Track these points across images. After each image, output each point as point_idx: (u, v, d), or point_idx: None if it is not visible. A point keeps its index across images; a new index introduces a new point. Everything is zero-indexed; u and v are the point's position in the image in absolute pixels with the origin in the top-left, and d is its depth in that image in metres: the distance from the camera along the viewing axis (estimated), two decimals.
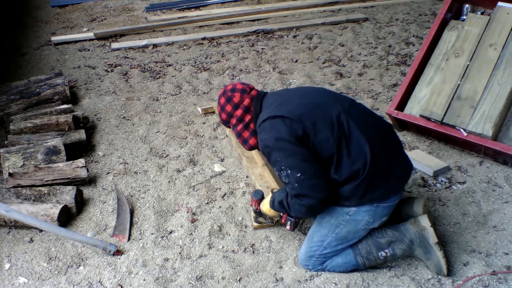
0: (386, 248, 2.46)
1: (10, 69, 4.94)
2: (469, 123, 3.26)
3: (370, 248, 2.47)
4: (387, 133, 2.47)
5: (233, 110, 2.52)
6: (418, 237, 2.44)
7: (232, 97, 2.51)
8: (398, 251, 2.47)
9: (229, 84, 2.58)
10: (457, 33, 3.57)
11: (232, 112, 2.52)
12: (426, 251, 2.45)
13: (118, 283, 2.54)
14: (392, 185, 2.38)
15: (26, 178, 3.12)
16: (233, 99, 2.51)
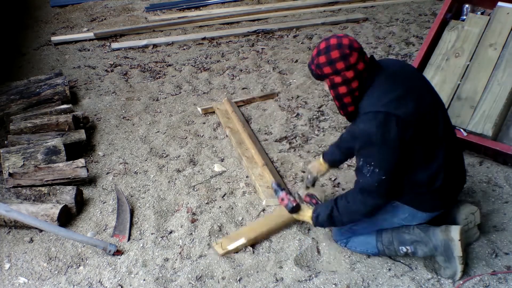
0: (409, 245, 2.46)
1: (10, 69, 4.94)
2: (469, 123, 3.26)
3: (392, 239, 2.48)
4: (458, 148, 2.48)
5: (344, 69, 2.20)
6: (443, 246, 2.40)
7: (350, 55, 2.18)
8: (420, 252, 2.46)
9: (343, 37, 2.23)
10: (457, 33, 3.57)
11: (341, 71, 2.21)
12: (447, 259, 2.42)
13: (118, 283, 2.54)
14: (440, 202, 2.44)
15: (26, 178, 3.12)
16: (349, 58, 2.18)
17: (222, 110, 4.02)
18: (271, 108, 4.11)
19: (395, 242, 2.48)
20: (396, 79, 2.28)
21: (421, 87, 2.33)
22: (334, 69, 2.21)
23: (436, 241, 2.41)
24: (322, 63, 2.23)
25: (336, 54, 2.19)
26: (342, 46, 2.19)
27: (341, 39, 2.21)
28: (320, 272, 2.54)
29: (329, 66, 2.21)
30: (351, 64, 2.19)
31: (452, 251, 2.38)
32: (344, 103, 2.30)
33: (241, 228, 2.84)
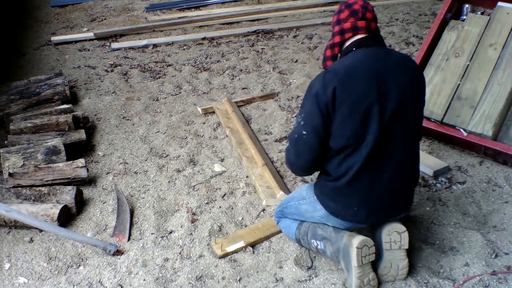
0: (319, 240, 2.43)
1: (10, 69, 4.94)
2: (469, 123, 3.26)
3: (307, 231, 2.49)
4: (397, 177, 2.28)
5: (335, 23, 2.31)
6: (343, 250, 2.33)
7: (342, 11, 2.29)
8: (328, 251, 2.41)
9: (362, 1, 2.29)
10: (457, 33, 3.57)
11: (333, 25, 2.33)
12: (347, 268, 2.34)
13: (118, 283, 2.54)
14: (348, 214, 2.32)
15: (26, 178, 3.12)
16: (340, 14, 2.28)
17: (222, 110, 4.02)
18: (271, 108, 4.11)
19: (309, 234, 2.48)
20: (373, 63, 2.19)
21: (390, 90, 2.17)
22: (332, 22, 2.36)
23: (339, 244, 2.35)
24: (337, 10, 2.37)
25: (336, 9, 2.36)
26: (344, 3, 2.32)
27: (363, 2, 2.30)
28: (320, 272, 2.54)
29: (332, 19, 2.38)
30: (339, 19, 2.29)
31: (350, 259, 2.30)
32: (324, 56, 2.38)
33: (241, 230, 2.84)
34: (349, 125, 2.15)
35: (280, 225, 2.69)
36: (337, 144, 2.20)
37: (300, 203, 2.53)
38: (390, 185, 2.28)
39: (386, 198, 2.31)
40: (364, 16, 2.25)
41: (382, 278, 2.42)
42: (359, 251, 2.27)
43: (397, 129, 2.20)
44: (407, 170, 2.33)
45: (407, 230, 2.38)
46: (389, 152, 2.22)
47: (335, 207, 2.34)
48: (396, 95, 2.17)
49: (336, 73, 2.16)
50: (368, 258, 2.30)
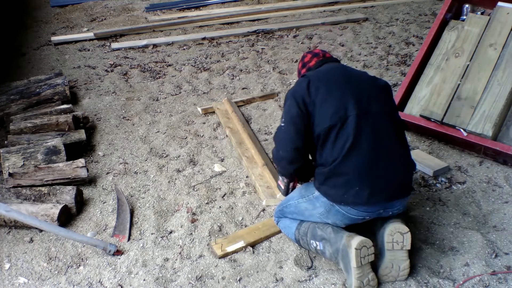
0: (319, 241, 2.44)
1: (10, 69, 4.94)
2: (469, 123, 3.26)
3: (307, 231, 2.50)
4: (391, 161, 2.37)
5: (301, 68, 2.72)
6: (342, 251, 2.33)
7: (305, 57, 2.72)
8: (327, 252, 2.42)
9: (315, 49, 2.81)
10: (457, 33, 3.57)
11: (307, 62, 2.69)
12: (346, 269, 2.34)
13: (118, 283, 2.54)
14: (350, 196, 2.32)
15: (26, 178, 3.12)
16: (304, 59, 2.71)
17: (222, 110, 4.02)
18: (271, 108, 4.11)
19: (309, 234, 2.49)
20: (341, 67, 2.58)
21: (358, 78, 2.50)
22: (298, 70, 2.76)
23: (338, 244, 2.35)
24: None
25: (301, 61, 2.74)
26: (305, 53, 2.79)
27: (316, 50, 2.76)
28: (320, 272, 2.54)
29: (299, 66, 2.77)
30: (304, 62, 2.70)
31: (349, 260, 2.30)
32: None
33: (241, 230, 2.84)
34: (329, 104, 2.35)
35: (280, 225, 2.69)
36: (323, 126, 2.33)
37: (299, 202, 2.54)
38: (387, 165, 2.34)
39: (385, 177, 2.34)
40: (324, 55, 2.69)
41: (383, 278, 2.42)
42: (358, 252, 2.27)
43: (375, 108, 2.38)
44: (400, 152, 2.42)
45: (409, 231, 2.38)
46: (375, 131, 2.34)
47: (335, 192, 2.34)
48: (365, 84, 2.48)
49: (308, 75, 2.51)
50: (367, 259, 2.30)
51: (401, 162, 2.42)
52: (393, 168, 2.37)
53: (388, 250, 2.37)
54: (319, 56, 2.67)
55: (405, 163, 2.44)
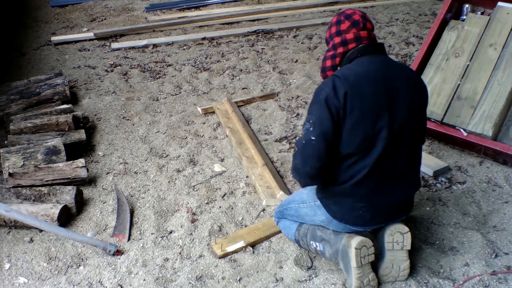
0: (318, 242, 2.42)
1: (10, 69, 4.94)
2: (469, 123, 3.26)
3: (307, 232, 2.49)
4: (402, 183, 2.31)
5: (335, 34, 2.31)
6: (342, 251, 2.33)
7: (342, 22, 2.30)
8: (327, 252, 2.40)
9: (353, 10, 2.34)
10: (457, 33, 3.57)
11: (333, 36, 2.32)
12: (346, 269, 2.34)
13: (118, 283, 2.54)
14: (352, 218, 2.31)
15: (26, 178, 3.12)
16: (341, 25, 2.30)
17: (222, 110, 4.02)
18: (271, 108, 4.11)
19: (309, 235, 2.47)
20: (379, 69, 2.22)
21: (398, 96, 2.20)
22: (330, 33, 2.36)
23: (338, 245, 2.34)
24: (327, 29, 2.40)
25: (334, 19, 2.35)
26: (342, 13, 2.34)
27: (348, 10, 2.34)
28: (320, 272, 2.54)
29: (328, 31, 2.38)
30: (340, 30, 2.30)
31: (349, 259, 2.29)
32: (324, 66, 2.38)
33: (241, 230, 2.84)
34: (360, 131, 2.14)
35: (280, 225, 2.68)
36: (347, 150, 2.18)
37: (300, 206, 2.52)
38: (395, 190, 2.30)
39: (391, 203, 2.31)
40: (365, 26, 2.29)
41: (383, 278, 2.41)
42: (358, 252, 2.26)
43: (405, 136, 2.23)
44: (411, 175, 2.36)
45: (409, 231, 2.38)
46: (396, 157, 2.23)
47: (338, 210, 2.32)
48: (404, 102, 2.20)
49: (346, 78, 2.15)
50: (367, 259, 2.30)
51: (410, 184, 2.37)
52: (400, 191, 2.33)
53: (388, 250, 2.37)
54: (358, 26, 2.27)
55: (413, 185, 2.39)
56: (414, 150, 2.33)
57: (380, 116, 2.15)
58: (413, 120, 2.26)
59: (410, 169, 2.34)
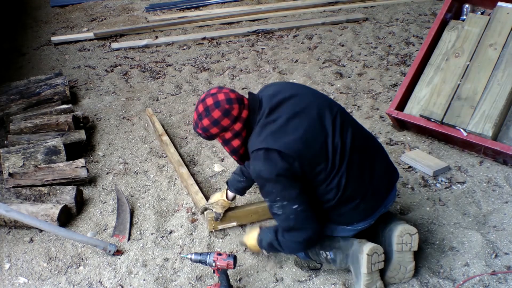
0: (328, 251, 2.39)
1: (10, 69, 4.94)
2: (469, 123, 3.26)
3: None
4: (373, 158, 2.33)
5: (231, 124, 2.21)
6: (353, 256, 2.31)
7: (231, 109, 2.19)
8: (338, 259, 2.38)
9: (218, 93, 2.21)
10: (457, 33, 3.57)
11: (229, 126, 2.22)
12: (356, 274, 2.32)
13: (118, 283, 2.54)
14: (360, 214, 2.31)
15: (26, 178, 3.12)
16: (231, 112, 2.19)
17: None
18: None
19: (317, 246, 2.42)
20: (276, 107, 2.21)
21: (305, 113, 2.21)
22: (221, 127, 2.21)
23: (349, 250, 2.33)
24: (207, 125, 2.21)
25: (217, 113, 2.18)
26: (219, 103, 2.18)
27: (216, 96, 2.20)
28: (320, 272, 2.54)
29: (215, 127, 2.21)
30: (235, 116, 2.20)
31: (360, 265, 2.27)
32: (235, 149, 2.30)
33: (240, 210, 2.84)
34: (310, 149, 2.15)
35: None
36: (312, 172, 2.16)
37: None
38: (374, 165, 2.32)
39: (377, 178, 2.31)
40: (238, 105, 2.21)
41: (390, 280, 2.41)
42: (370, 258, 2.25)
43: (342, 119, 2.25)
44: (376, 147, 2.40)
45: (418, 232, 2.38)
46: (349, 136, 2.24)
47: (343, 218, 2.32)
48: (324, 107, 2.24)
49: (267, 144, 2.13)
50: (377, 266, 2.30)
51: (382, 155, 2.41)
52: (379, 165, 2.35)
53: (397, 251, 2.36)
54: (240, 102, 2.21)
55: (384, 154, 2.43)
56: (356, 125, 2.35)
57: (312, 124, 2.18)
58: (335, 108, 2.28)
59: (373, 141, 2.40)
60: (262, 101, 2.26)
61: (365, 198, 2.28)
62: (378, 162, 2.36)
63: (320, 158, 2.17)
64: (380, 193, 2.34)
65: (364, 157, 2.29)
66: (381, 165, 2.37)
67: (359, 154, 2.25)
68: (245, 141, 2.28)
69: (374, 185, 2.31)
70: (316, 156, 2.16)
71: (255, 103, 2.25)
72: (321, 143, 2.17)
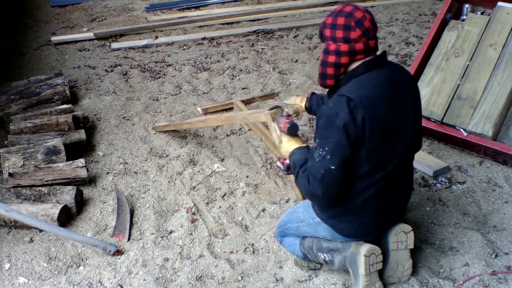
0: (326, 253, 2.38)
1: (10, 69, 4.94)
2: (469, 123, 3.26)
3: (312, 245, 2.44)
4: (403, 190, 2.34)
5: (342, 40, 2.10)
6: (350, 257, 2.30)
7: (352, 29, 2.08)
8: (336, 261, 2.37)
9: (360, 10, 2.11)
10: (457, 33, 3.57)
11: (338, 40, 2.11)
12: (354, 276, 2.31)
13: (118, 283, 2.54)
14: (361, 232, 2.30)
15: (26, 178, 3.12)
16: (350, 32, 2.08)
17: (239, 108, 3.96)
18: None
19: (314, 248, 2.41)
20: (386, 85, 2.13)
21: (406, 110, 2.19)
22: (333, 34, 2.11)
23: (346, 252, 2.31)
24: (327, 23, 2.14)
25: (341, 21, 2.09)
26: (351, 16, 2.08)
27: (356, 10, 2.10)
28: (320, 272, 2.54)
29: (330, 29, 2.12)
30: (350, 38, 2.09)
31: (357, 266, 2.27)
32: (325, 73, 2.19)
33: None
34: (377, 155, 2.11)
35: (284, 244, 2.58)
36: (361, 171, 2.13)
37: (299, 225, 2.46)
38: (399, 198, 2.33)
39: (395, 210, 2.33)
40: (375, 34, 2.15)
41: (388, 280, 2.41)
42: (367, 259, 2.25)
43: (409, 151, 2.25)
44: (410, 180, 2.38)
45: (412, 229, 2.38)
46: (400, 169, 2.24)
47: (347, 228, 2.29)
48: (412, 115, 2.22)
49: (361, 102, 2.03)
50: (375, 267, 2.29)
51: (409, 189, 2.40)
52: (403, 197, 2.37)
53: (393, 250, 2.37)
54: (369, 35, 2.11)
55: (411, 188, 2.42)
56: (412, 158, 2.35)
57: (396, 139, 2.15)
58: (418, 129, 2.29)
59: (409, 175, 2.37)
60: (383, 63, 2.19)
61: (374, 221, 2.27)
62: (403, 198, 2.36)
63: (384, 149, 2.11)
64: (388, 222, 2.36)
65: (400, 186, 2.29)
66: (403, 201, 2.38)
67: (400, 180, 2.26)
68: (338, 67, 2.15)
69: (389, 213, 2.31)
70: (383, 143, 2.09)
71: (380, 57, 2.18)
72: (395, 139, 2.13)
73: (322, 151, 2.07)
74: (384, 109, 2.08)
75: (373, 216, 2.25)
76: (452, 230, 2.77)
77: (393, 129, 2.12)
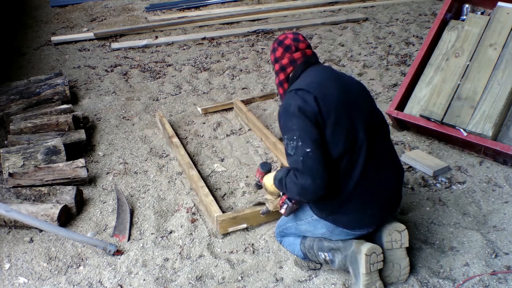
0: (327, 252, 2.39)
1: (10, 69, 4.94)
2: (469, 123, 3.26)
3: (312, 244, 2.44)
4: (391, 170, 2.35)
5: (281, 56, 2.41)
6: (351, 256, 2.30)
7: (274, 50, 2.44)
8: (337, 260, 2.38)
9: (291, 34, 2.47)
10: (457, 33, 3.57)
11: (279, 58, 2.42)
12: (355, 274, 2.31)
13: (118, 283, 2.54)
14: (364, 220, 2.31)
15: (26, 178, 3.12)
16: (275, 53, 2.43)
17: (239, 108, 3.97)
18: (271, 108, 4.11)
19: (315, 247, 2.42)
20: (329, 73, 2.34)
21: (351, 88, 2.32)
22: (271, 61, 2.49)
23: (347, 251, 2.32)
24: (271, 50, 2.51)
25: (271, 47, 2.50)
26: (275, 40, 2.48)
27: (282, 35, 2.48)
28: (320, 272, 2.54)
29: (271, 56, 2.50)
30: (276, 57, 2.44)
31: (358, 265, 2.27)
32: (280, 94, 2.50)
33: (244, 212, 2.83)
34: (341, 130, 2.16)
35: (284, 244, 2.59)
36: (336, 152, 2.16)
37: (298, 224, 2.47)
38: (391, 177, 2.33)
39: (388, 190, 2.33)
40: (298, 48, 2.40)
41: (386, 280, 2.41)
42: (368, 258, 2.25)
43: (375, 126, 2.29)
44: (395, 161, 2.40)
45: (406, 228, 2.38)
46: (378, 146, 2.27)
47: (348, 219, 2.30)
48: (362, 96, 2.33)
49: (308, 87, 2.21)
50: (376, 266, 2.29)
51: (398, 170, 2.41)
52: (395, 176, 2.36)
53: (387, 249, 2.37)
54: (291, 50, 2.38)
55: (400, 170, 2.42)
56: (386, 138, 2.39)
57: (352, 111, 2.22)
58: (374, 110, 2.35)
59: (392, 156, 2.39)
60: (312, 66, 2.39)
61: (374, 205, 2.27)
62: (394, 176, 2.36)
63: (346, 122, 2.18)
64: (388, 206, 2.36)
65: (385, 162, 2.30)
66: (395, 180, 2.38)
67: (381, 155, 2.28)
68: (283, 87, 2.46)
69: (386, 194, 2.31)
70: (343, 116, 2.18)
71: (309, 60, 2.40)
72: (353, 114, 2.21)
73: (292, 142, 2.16)
74: (333, 88, 2.23)
75: (368, 199, 2.25)
76: (452, 230, 2.77)
77: (348, 105, 2.22)
